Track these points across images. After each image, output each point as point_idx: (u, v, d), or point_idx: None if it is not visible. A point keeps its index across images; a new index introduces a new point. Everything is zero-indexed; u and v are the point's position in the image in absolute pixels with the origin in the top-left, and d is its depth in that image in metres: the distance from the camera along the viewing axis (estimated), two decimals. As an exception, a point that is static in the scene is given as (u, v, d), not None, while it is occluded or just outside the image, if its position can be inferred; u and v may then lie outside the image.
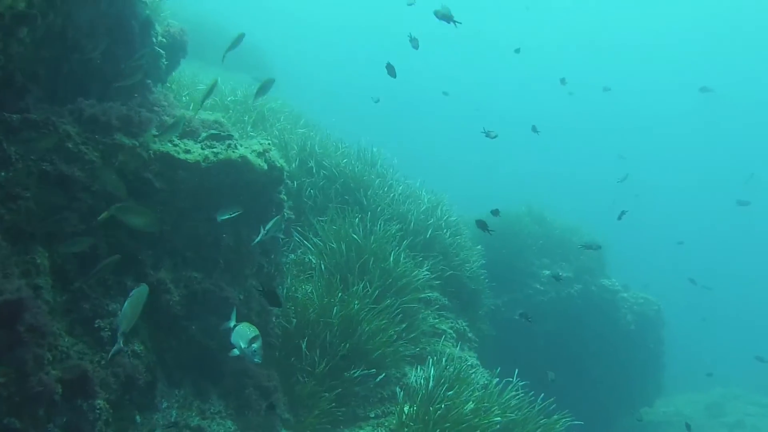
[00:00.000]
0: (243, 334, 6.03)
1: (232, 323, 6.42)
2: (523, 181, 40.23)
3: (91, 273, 5.59)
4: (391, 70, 9.70)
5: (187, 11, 21.82)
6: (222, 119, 8.10)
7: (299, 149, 10.97)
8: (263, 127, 12.19)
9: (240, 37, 8.31)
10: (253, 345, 5.96)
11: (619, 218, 11.59)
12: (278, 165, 7.56)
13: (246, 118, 12.40)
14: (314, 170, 10.65)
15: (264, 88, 8.33)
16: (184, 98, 11.25)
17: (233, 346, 6.03)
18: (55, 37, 6.39)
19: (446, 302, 10.50)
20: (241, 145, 7.28)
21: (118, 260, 5.66)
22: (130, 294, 5.24)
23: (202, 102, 7.99)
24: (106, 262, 5.65)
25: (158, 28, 9.23)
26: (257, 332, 6.08)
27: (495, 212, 9.19)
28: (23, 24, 5.21)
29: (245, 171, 7.12)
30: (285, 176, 7.94)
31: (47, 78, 6.48)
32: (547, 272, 16.75)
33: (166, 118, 7.81)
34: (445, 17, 8.18)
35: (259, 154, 7.33)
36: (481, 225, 9.10)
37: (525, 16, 52.77)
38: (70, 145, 5.80)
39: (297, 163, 10.62)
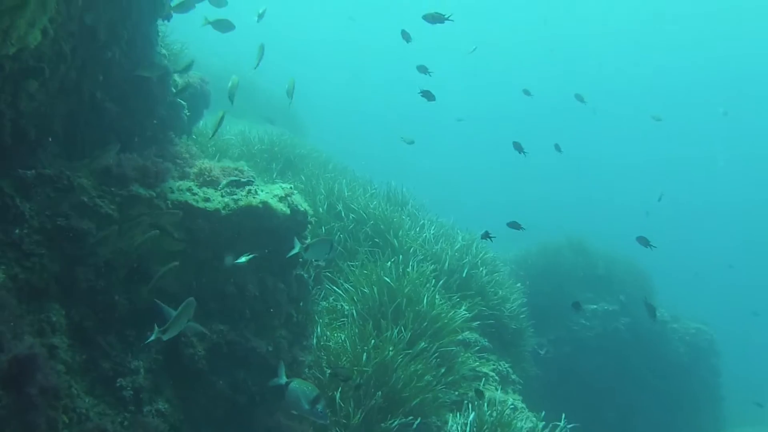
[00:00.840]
0: (303, 394, 5.82)
1: (283, 380, 6.26)
2: (550, 207, 39.24)
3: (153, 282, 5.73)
4: (428, 96, 9.64)
5: (215, 65, 22.30)
6: (244, 166, 8.01)
7: (327, 193, 10.82)
8: (291, 173, 12.14)
9: (261, 49, 8.41)
10: (317, 406, 5.75)
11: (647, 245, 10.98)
12: (301, 209, 7.37)
13: (273, 166, 12.39)
14: (343, 214, 10.46)
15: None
16: (210, 149, 11.26)
17: (284, 404, 5.81)
18: (71, 91, 6.37)
19: (486, 343, 10.08)
20: (262, 191, 7.13)
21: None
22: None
23: (213, 133, 8.01)
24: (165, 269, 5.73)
25: (178, 79, 9.26)
26: (317, 390, 5.88)
27: (514, 225, 8.71)
28: (32, 77, 5.15)
29: (267, 217, 6.94)
30: (310, 220, 7.74)
31: (64, 132, 6.44)
32: (593, 306, 16.19)
33: (188, 169, 7.76)
34: (436, 18, 8.02)
35: (281, 199, 7.16)
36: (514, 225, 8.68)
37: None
38: (85, 199, 5.70)
39: (325, 207, 10.46)
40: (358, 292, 8.96)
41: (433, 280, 9.63)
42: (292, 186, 7.54)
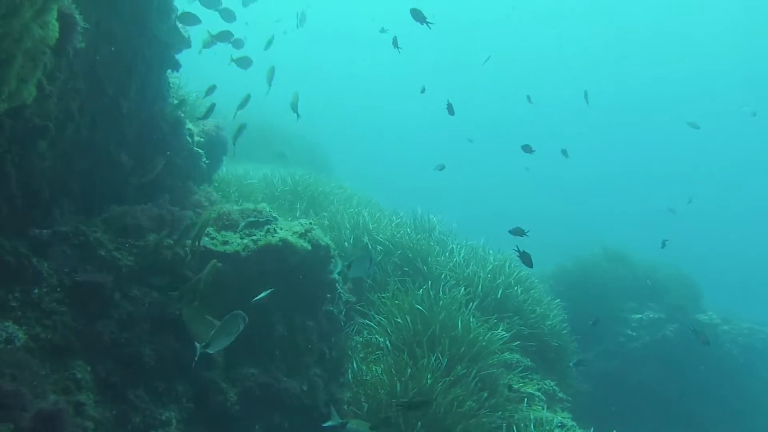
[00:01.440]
0: None
1: (337, 421, 6.30)
2: (577, 220, 38.46)
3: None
4: (450, 109, 9.65)
5: (238, 114, 22.55)
6: (263, 207, 7.97)
7: (352, 227, 10.74)
8: (315, 211, 12.10)
9: (247, 98, 9.03)
10: None
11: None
12: (323, 243, 7.29)
13: (298, 206, 12.37)
14: (369, 246, 10.35)
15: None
16: (233, 194, 11.29)
17: None
18: (84, 148, 6.43)
19: (529, 363, 9.79)
20: (281, 229, 7.08)
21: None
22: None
23: (234, 140, 8.55)
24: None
25: (192, 128, 9.31)
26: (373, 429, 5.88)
27: (517, 231, 8.48)
28: (40, 137, 5.19)
29: (288, 254, 6.87)
30: (333, 254, 7.65)
31: (81, 189, 6.48)
32: (637, 316, 15.73)
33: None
34: (419, 17, 8.03)
35: (301, 235, 7.10)
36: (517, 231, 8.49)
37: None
38: (102, 253, 5.70)
39: (351, 241, 10.36)
40: (391, 323, 8.80)
41: (468, 304, 9.43)
42: (312, 222, 7.47)
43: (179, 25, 8.51)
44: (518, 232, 8.21)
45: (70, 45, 4.20)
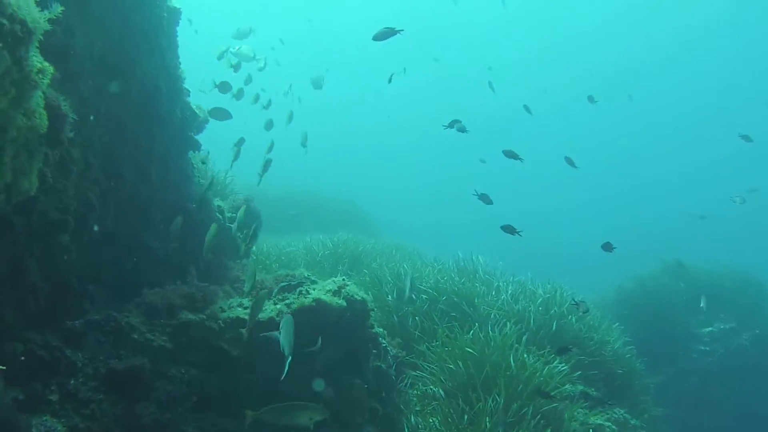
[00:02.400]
0: None
1: None
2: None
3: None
4: (455, 125, 9.57)
5: (275, 189, 23.06)
6: (301, 271, 7.96)
7: (393, 280, 10.61)
8: (357, 270, 12.06)
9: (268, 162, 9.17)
10: None
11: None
12: (358, 298, 7.16)
13: (339, 267, 12.36)
14: (413, 297, 10.17)
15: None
16: (273, 265, 11.35)
17: None
18: (111, 236, 6.54)
19: (594, 393, 9.33)
20: (314, 289, 7.01)
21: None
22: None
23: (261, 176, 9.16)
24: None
25: (222, 204, 9.45)
26: None
27: (508, 229, 8.23)
28: (60, 230, 5.29)
29: (323, 313, 6.76)
30: (371, 307, 7.53)
31: (115, 277, 6.58)
32: (708, 329, 15.01)
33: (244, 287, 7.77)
34: (387, 33, 7.90)
35: (335, 293, 7.00)
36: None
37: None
38: (135, 336, 5.72)
39: (394, 295, 10.22)
40: (444, 371, 8.54)
41: (522, 339, 9.13)
42: (345, 278, 7.38)
43: (194, 106, 8.78)
44: (510, 230, 8.18)
45: (63, 135, 4.28)
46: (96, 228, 6.18)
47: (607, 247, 8.28)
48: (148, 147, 7.20)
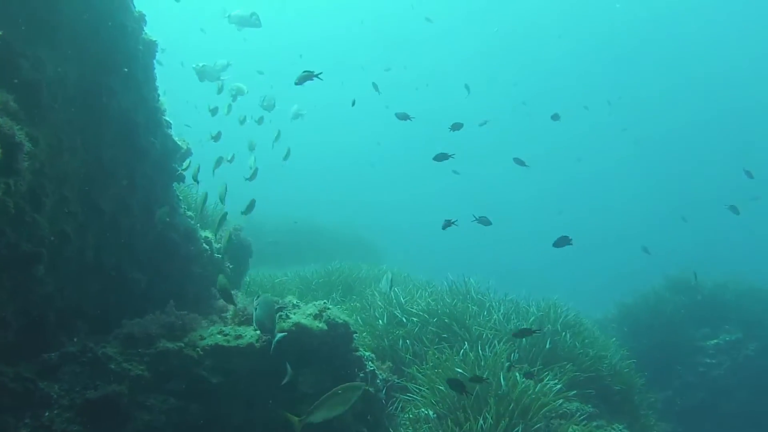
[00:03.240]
0: None
1: None
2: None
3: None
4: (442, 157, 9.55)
5: (277, 219, 23.13)
6: (290, 299, 7.95)
7: (384, 305, 10.58)
8: (350, 297, 12.06)
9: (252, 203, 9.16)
10: None
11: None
12: (340, 321, 7.16)
13: (334, 295, 12.36)
14: (404, 320, 10.15)
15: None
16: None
17: None
18: (93, 270, 6.58)
19: (591, 409, 9.18)
20: (294, 313, 7.01)
21: None
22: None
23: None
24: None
25: (209, 235, 9.48)
26: None
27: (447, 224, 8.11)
28: (35, 262, 5.32)
29: (303, 337, 6.75)
30: (354, 330, 7.50)
31: (98, 309, 6.60)
32: (713, 341, 14.84)
33: (228, 315, 7.77)
34: (305, 78, 7.83)
35: (316, 316, 7.01)
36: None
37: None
38: (113, 366, 5.72)
39: (385, 319, 10.18)
40: (434, 393, 8.47)
41: (513, 356, 9.07)
42: (325, 302, 7.38)
43: (176, 138, 8.86)
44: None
45: (19, 164, 4.35)
46: (75, 260, 6.24)
47: (562, 241, 8.03)
48: (128, 179, 7.27)
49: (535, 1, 46.12)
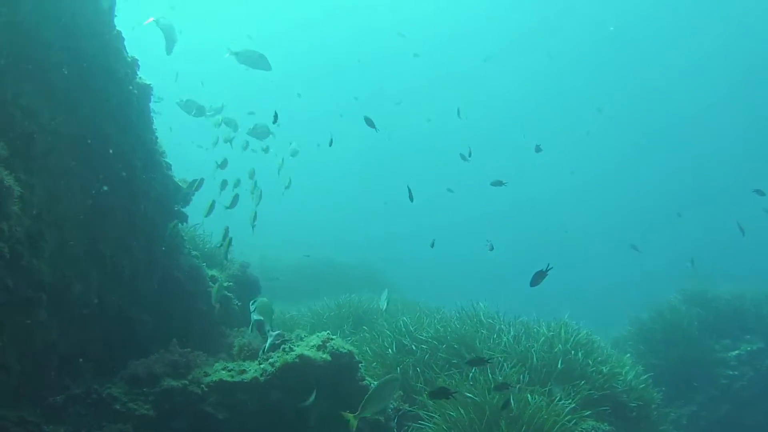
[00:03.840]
0: None
1: None
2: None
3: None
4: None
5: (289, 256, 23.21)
6: (297, 332, 7.98)
7: (393, 334, 10.57)
8: (360, 328, 12.04)
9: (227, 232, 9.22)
10: None
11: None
12: (344, 351, 7.18)
13: (344, 327, 12.35)
14: (413, 348, 10.13)
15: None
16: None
17: None
18: (97, 313, 6.66)
19: (606, 427, 9.05)
20: (297, 345, 7.04)
21: None
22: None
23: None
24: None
25: (216, 274, 9.56)
26: None
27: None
28: (36, 307, 5.41)
29: (308, 368, 6.77)
30: (359, 360, 7.51)
31: (106, 351, 6.66)
32: (734, 353, 14.59)
33: (234, 351, 7.81)
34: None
35: (319, 347, 7.04)
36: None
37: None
38: (117, 407, 5.77)
39: (394, 348, 10.16)
40: (446, 419, 8.40)
41: (523, 377, 9.00)
42: (328, 333, 7.40)
43: (178, 179, 9.01)
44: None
45: (9, 208, 4.46)
46: (78, 304, 6.32)
47: (539, 277, 7.68)
48: (128, 222, 7.39)
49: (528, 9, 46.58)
